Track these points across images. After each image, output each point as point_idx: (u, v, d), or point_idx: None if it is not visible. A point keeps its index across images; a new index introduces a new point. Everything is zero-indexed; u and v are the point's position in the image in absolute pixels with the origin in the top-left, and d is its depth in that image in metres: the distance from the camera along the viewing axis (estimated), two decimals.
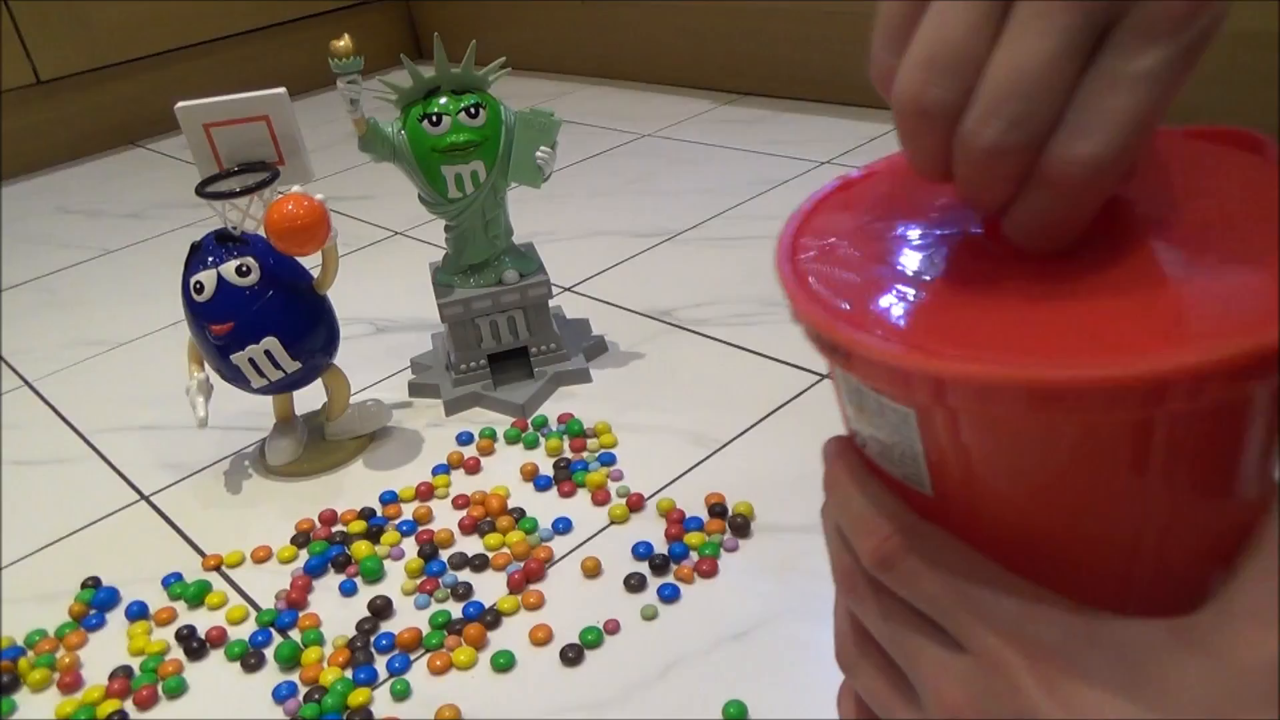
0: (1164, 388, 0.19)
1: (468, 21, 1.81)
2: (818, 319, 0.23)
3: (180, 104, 0.66)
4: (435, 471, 0.70)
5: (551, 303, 0.78)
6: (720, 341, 0.82)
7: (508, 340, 0.78)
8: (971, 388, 0.21)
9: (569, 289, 0.95)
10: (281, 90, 0.67)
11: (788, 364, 0.77)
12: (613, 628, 0.55)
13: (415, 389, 0.81)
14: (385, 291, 0.99)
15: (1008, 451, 0.23)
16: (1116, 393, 0.20)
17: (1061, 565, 0.24)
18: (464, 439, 0.73)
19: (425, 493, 0.68)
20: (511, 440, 0.72)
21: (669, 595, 0.56)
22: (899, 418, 0.24)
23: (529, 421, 0.74)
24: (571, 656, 0.53)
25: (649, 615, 0.55)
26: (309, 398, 0.75)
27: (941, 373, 0.21)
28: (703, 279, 0.93)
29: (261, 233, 0.66)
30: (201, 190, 0.66)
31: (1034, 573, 0.24)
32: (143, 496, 0.73)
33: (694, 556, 0.59)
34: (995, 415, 0.22)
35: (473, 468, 0.70)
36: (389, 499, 0.68)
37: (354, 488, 0.70)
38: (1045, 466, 0.22)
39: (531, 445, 0.72)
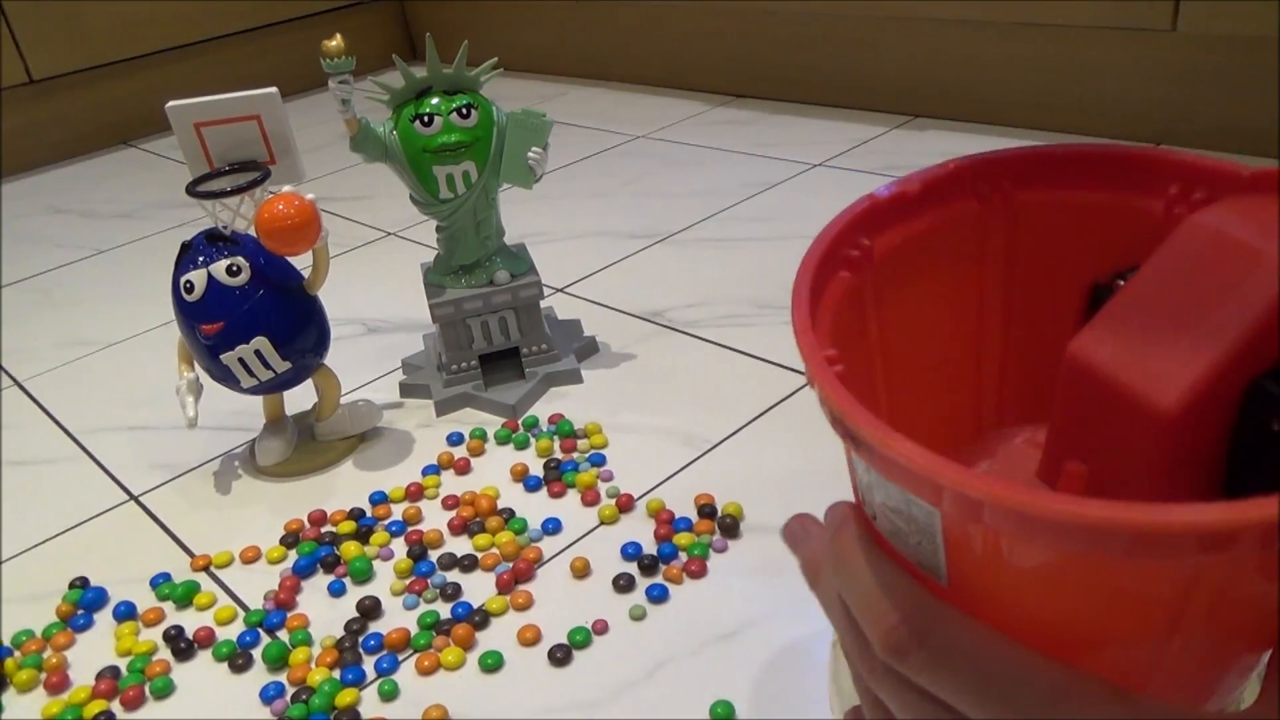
0: (1230, 539, 0.18)
1: (461, 22, 1.80)
2: (845, 408, 0.21)
3: (171, 103, 0.66)
4: (425, 472, 0.70)
5: (543, 303, 0.78)
6: (711, 343, 0.82)
7: (499, 341, 0.78)
8: (1010, 514, 0.19)
9: (561, 290, 0.95)
10: (273, 90, 0.67)
11: (778, 365, 0.77)
12: (601, 628, 0.55)
13: (406, 389, 0.81)
14: (376, 292, 0.99)
15: (1041, 563, 0.21)
16: (1175, 541, 0.18)
17: (1082, 655, 0.22)
18: (454, 439, 0.73)
19: (415, 493, 0.68)
20: (502, 441, 0.72)
21: (657, 596, 0.56)
22: (923, 513, 0.22)
23: (519, 422, 0.74)
24: (560, 657, 0.53)
25: (637, 615, 0.55)
26: (299, 398, 0.75)
27: (981, 495, 0.19)
28: (695, 280, 0.93)
29: (252, 232, 0.66)
30: (192, 189, 0.66)
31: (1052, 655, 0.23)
32: (131, 496, 0.73)
33: (683, 557, 0.59)
34: (1033, 539, 0.20)
35: (463, 468, 0.70)
36: (379, 499, 0.68)
37: (344, 488, 0.70)
38: (1083, 579, 0.21)
39: (522, 446, 0.72)
